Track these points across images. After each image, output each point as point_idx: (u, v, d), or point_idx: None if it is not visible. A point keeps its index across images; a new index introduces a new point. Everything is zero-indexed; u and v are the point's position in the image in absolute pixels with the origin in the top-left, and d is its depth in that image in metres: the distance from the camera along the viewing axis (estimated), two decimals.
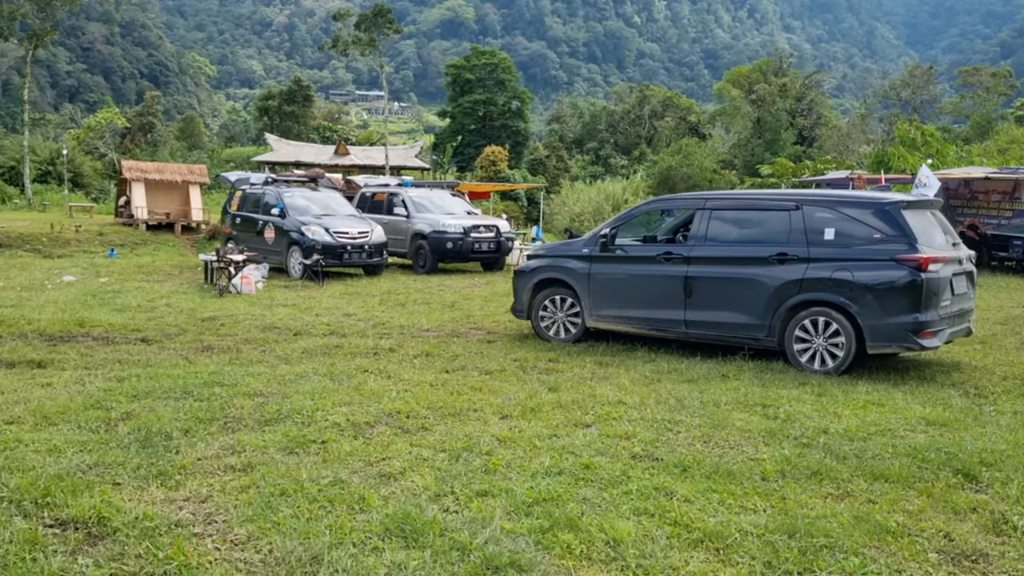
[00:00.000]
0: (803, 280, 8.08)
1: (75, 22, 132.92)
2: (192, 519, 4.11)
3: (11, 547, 3.68)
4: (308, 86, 75.32)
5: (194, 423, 5.76)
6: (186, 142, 74.36)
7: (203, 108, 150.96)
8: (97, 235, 27.62)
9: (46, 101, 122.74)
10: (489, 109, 68.01)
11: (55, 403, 6.25)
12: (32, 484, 4.39)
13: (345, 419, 5.92)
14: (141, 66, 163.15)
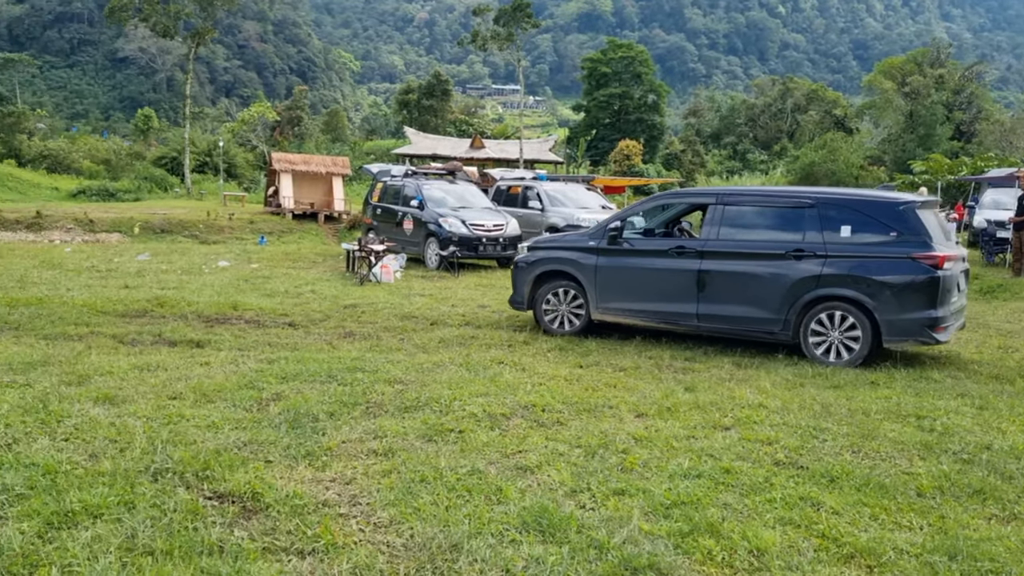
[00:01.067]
0: (821, 276, 8.27)
1: (232, 21, 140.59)
2: (338, 500, 4.26)
3: (176, 516, 3.92)
4: (446, 80, 76.84)
5: (338, 406, 5.96)
6: (330, 135, 77.32)
7: (347, 102, 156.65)
8: (248, 223, 29.17)
9: (205, 96, 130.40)
10: (624, 103, 67.35)
11: (212, 381, 6.61)
12: (193, 457, 4.66)
13: (481, 410, 5.98)
14: (291, 62, 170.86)
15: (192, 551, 3.58)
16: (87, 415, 5.48)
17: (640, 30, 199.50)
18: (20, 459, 4.54)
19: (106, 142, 73.79)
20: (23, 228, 27.70)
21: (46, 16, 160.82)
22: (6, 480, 4.21)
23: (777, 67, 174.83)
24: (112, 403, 5.87)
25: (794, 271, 8.39)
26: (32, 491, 4.11)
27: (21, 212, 30.25)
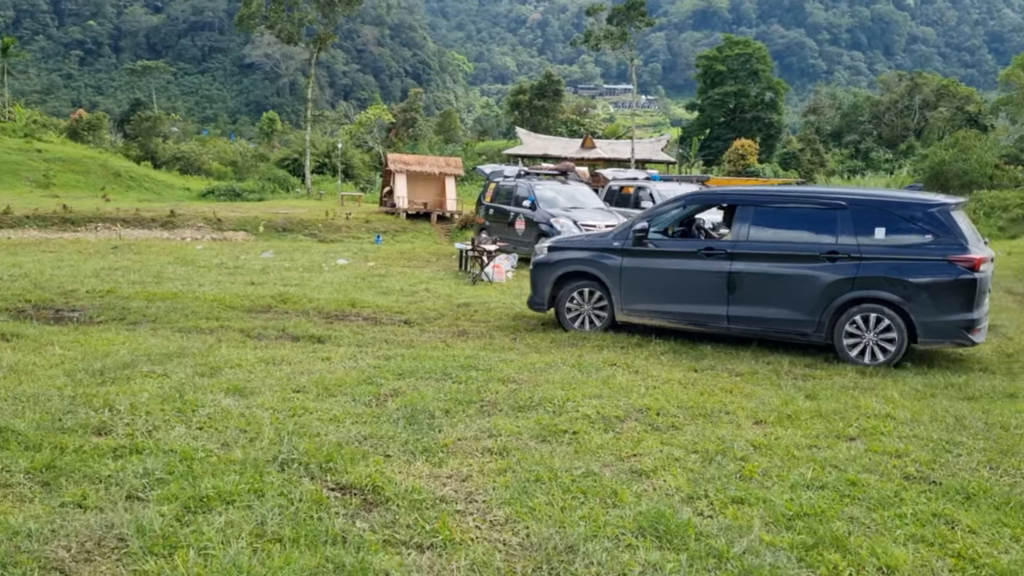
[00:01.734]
0: (856, 278, 8.28)
1: (352, 26, 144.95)
2: (455, 496, 4.32)
3: (301, 505, 4.07)
4: (558, 81, 76.93)
5: (454, 404, 6.06)
6: (443, 136, 78.68)
7: (459, 103, 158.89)
8: (364, 222, 29.99)
9: (325, 99, 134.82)
10: (740, 101, 65.80)
11: (333, 376, 6.83)
12: (317, 449, 4.82)
13: (595, 411, 5.96)
14: (406, 65, 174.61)
15: (317, 540, 3.71)
16: (219, 405, 5.75)
17: (757, 26, 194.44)
18: (159, 445, 4.81)
19: (233, 144, 77.41)
20: (158, 226, 29.34)
21: (181, 25, 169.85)
22: (147, 465, 4.46)
23: (904, 62, 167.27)
24: (241, 394, 6.14)
25: (829, 273, 8.40)
26: (170, 476, 4.35)
27: (156, 211, 32.07)
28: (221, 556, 3.49)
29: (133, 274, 14.05)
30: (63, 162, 51.89)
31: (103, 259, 16.64)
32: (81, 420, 5.22)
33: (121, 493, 4.12)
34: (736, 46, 68.67)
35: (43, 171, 48.88)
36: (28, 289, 11.59)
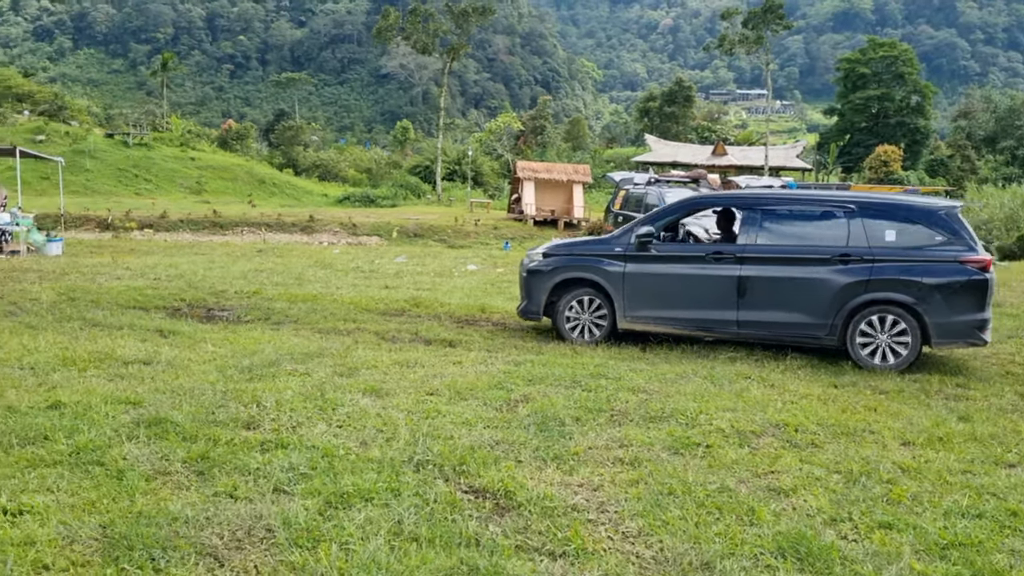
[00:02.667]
0: (869, 280, 8.28)
1: (484, 36, 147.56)
2: (586, 505, 4.30)
3: (436, 506, 4.15)
4: (689, 86, 75.74)
5: (584, 412, 6.04)
6: (571, 143, 78.79)
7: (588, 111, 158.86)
8: (492, 228, 30.41)
9: (456, 108, 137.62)
10: (884, 105, 62.86)
11: (465, 380, 6.94)
12: (451, 452, 4.91)
13: (729, 425, 5.81)
14: (536, 73, 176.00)
15: (452, 541, 3.77)
16: (357, 405, 5.95)
17: (903, 27, 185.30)
18: (303, 441, 5.02)
19: (368, 152, 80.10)
20: (298, 230, 30.74)
21: (322, 38, 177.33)
22: (292, 459, 4.66)
23: None
24: (378, 395, 6.33)
25: (842, 276, 8.38)
26: (313, 471, 4.53)
27: (297, 216, 33.60)
28: (361, 552, 3.60)
29: (276, 276, 14.75)
30: (213, 169, 55.12)
31: (249, 261, 17.55)
32: (232, 414, 5.52)
33: (268, 486, 4.32)
34: (880, 48, 65.72)
35: (196, 178, 52.05)
36: (183, 289, 12.35)
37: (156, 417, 5.29)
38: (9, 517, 3.75)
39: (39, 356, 7.02)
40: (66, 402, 5.51)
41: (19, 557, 3.37)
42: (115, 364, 6.95)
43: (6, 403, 5.46)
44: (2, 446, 4.64)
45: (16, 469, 4.33)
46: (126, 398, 5.77)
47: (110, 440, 4.84)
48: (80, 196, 39.86)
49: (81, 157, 48.15)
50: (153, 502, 4.03)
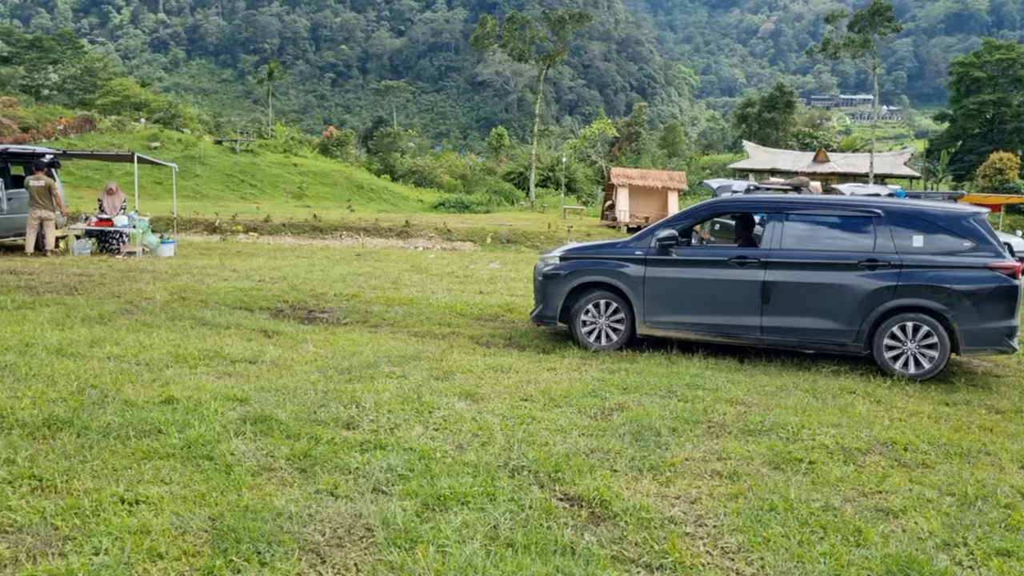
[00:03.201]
0: (897, 286, 8.19)
1: (579, 42, 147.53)
2: (684, 518, 4.23)
3: (531, 513, 4.15)
4: (790, 92, 73.89)
5: (680, 423, 5.94)
6: (666, 149, 77.96)
7: (684, 117, 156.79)
8: (585, 235, 30.29)
9: (551, 114, 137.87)
10: (1000, 111, 59.88)
11: (559, 387, 6.93)
12: (546, 459, 4.91)
13: (833, 441, 5.61)
14: (632, 79, 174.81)
15: (547, 549, 3.76)
16: (453, 408, 6.01)
17: (1022, 29, 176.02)
18: (401, 443, 5.10)
19: (463, 159, 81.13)
20: (394, 235, 31.33)
21: (420, 47, 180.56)
22: (390, 460, 4.74)
23: None
24: (473, 399, 6.38)
25: (869, 281, 8.29)
26: (411, 473, 4.60)
27: (393, 221, 34.27)
28: (458, 555, 3.63)
29: (374, 280, 15.06)
30: (315, 175, 56.78)
31: (348, 265, 17.98)
32: (332, 414, 5.65)
33: (368, 485, 4.40)
34: (997, 51, 62.60)
35: (298, 183, 53.72)
36: (286, 291, 12.75)
37: (261, 414, 5.47)
38: (126, 506, 3.93)
39: (154, 353, 7.35)
40: (178, 397, 5.75)
41: (136, 545, 3.53)
42: (223, 362, 7.22)
43: (124, 397, 5.74)
44: (120, 438, 4.88)
45: (133, 460, 4.55)
46: (233, 395, 5.98)
47: (219, 435, 5.02)
48: (190, 200, 41.69)
49: (192, 163, 50.36)
50: (259, 497, 4.16)
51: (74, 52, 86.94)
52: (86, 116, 58.22)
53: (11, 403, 5.34)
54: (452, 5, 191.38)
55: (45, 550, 3.45)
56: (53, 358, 6.79)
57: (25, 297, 10.37)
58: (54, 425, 5.00)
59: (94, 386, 6.00)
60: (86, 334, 8.03)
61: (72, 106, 68.36)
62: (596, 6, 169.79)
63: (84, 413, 5.26)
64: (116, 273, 13.77)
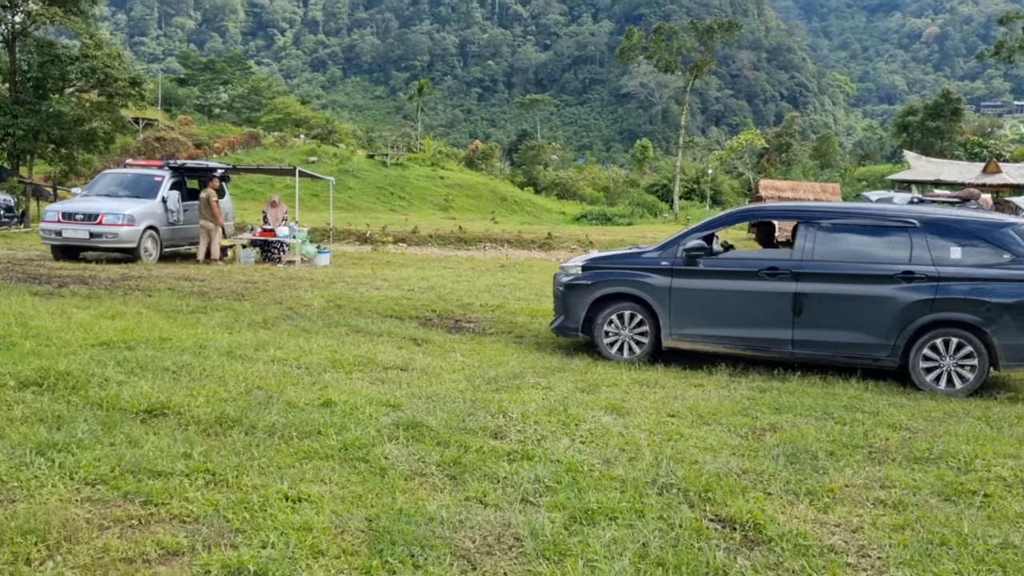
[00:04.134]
0: (935, 299, 7.94)
1: (727, 51, 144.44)
2: (844, 547, 4.02)
3: (681, 532, 4.06)
4: (957, 98, 69.49)
5: (838, 447, 5.66)
6: (819, 161, 75.02)
7: (838, 126, 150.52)
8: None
9: (696, 125, 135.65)
10: None
11: (708, 404, 6.77)
12: (696, 477, 4.79)
13: (1012, 474, 5.19)
14: (782, 88, 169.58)
15: (698, 571, 3.67)
16: (599, 422, 5.98)
17: None
18: (547, 455, 5.11)
19: (606, 171, 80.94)
20: (536, 247, 31.60)
21: (565, 60, 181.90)
22: (538, 471, 4.76)
23: None
24: (619, 413, 6.32)
25: (905, 294, 8.03)
26: (558, 485, 4.60)
27: (536, 233, 34.61)
28: (607, 571, 3.60)
29: (518, 291, 15.24)
30: (460, 187, 58.16)
31: (492, 276, 18.28)
32: (480, 423, 5.74)
33: (516, 495, 4.43)
34: None
35: (444, 195, 55.18)
36: (434, 301, 13.10)
37: (413, 421, 5.62)
38: (290, 503, 4.13)
39: (312, 357, 7.71)
40: (336, 401, 6.00)
41: (299, 541, 3.69)
42: (376, 368, 7.49)
43: (287, 399, 6.04)
44: (284, 438, 5.13)
45: (295, 459, 4.77)
46: (386, 401, 6.19)
47: (373, 439, 5.20)
48: (343, 212, 43.62)
49: (346, 176, 52.71)
50: (412, 501, 4.27)
51: (242, 73, 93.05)
52: (252, 133, 62.13)
53: (188, 401, 5.73)
54: (598, 18, 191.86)
55: (218, 541, 3.67)
56: (224, 360, 7.24)
57: (198, 302, 11.13)
58: (225, 423, 5.33)
59: (260, 387, 6.35)
60: (252, 338, 8.53)
61: (239, 123, 73.11)
62: (746, 14, 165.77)
63: (251, 413, 5.57)
64: (278, 281, 14.57)
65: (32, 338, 7.47)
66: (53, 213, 16.88)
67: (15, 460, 4.39)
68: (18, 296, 10.52)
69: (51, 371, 6.09)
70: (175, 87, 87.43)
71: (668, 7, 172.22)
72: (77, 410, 5.38)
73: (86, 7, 30.24)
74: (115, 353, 7.12)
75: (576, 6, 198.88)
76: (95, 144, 30.50)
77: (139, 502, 4.02)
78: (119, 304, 10.41)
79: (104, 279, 13.36)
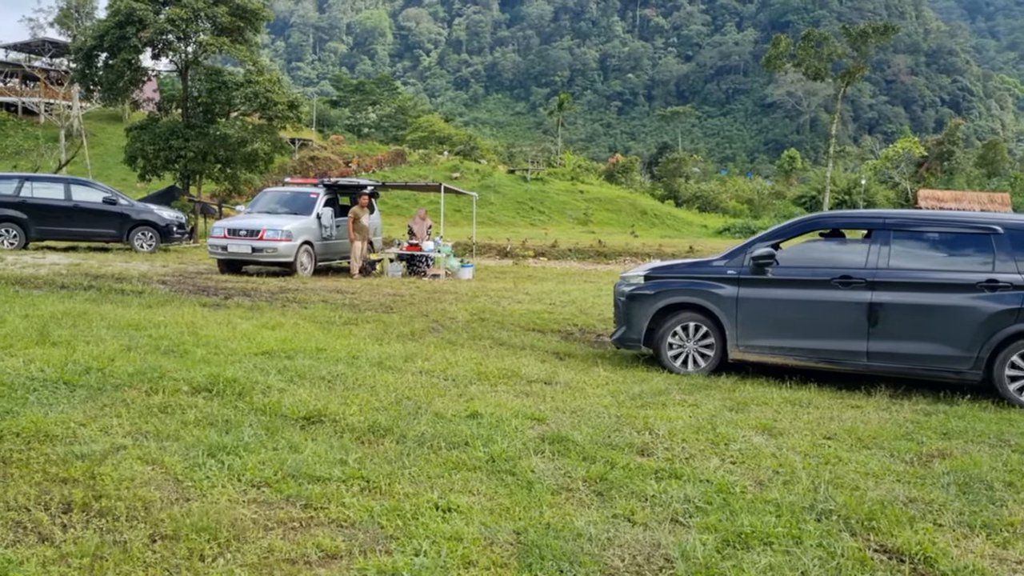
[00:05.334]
0: (1021, 309, 7.57)
1: (882, 56, 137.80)
2: None
3: (843, 562, 3.85)
4: None
5: (1017, 477, 5.23)
6: (985, 169, 70.27)
7: (1007, 132, 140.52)
8: None
9: (847, 134, 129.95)
10: None
11: (867, 427, 6.41)
12: (857, 504, 4.54)
13: None
14: (943, 93, 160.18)
15: None
16: (750, 442, 5.77)
17: None
18: (696, 474, 4.98)
19: (750, 183, 78.84)
20: None
21: (707, 71, 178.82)
22: (687, 491, 4.65)
23: None
24: (771, 434, 6.09)
25: (989, 304, 7.68)
26: (709, 506, 4.46)
27: (677, 247, 34.04)
28: None
29: None
30: (599, 201, 58.07)
31: None
32: (626, 439, 5.67)
33: (664, 515, 4.34)
34: None
35: (583, 209, 55.24)
36: (575, 315, 13.10)
37: (558, 435, 5.61)
38: (440, 512, 4.20)
39: (458, 369, 7.86)
40: (482, 413, 6.08)
41: (451, 550, 3.75)
42: (520, 382, 7.54)
43: (435, 409, 6.18)
44: (433, 448, 5.24)
45: (444, 470, 4.86)
46: (531, 414, 6.21)
47: (519, 452, 5.23)
48: (484, 226, 44.41)
49: (487, 191, 53.68)
50: (559, 516, 4.26)
51: (390, 93, 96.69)
52: (398, 150, 64.41)
53: (342, 409, 5.95)
54: (742, 27, 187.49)
55: (373, 546, 3.78)
56: (375, 370, 7.49)
57: (350, 314, 11.58)
58: (377, 431, 5.50)
59: (409, 398, 6.52)
60: (401, 349, 8.79)
61: (386, 142, 75.94)
62: (902, 16, 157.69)
63: (402, 422, 5.72)
64: (423, 294, 14.97)
65: (202, 346, 7.98)
66: (220, 229, 18.03)
67: (189, 461, 4.69)
68: (190, 307, 11.28)
69: (220, 378, 6.48)
70: (328, 108, 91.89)
71: (817, 12, 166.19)
72: (243, 415, 5.69)
73: (250, 36, 32.24)
74: (276, 362, 7.50)
75: (719, 16, 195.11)
76: (256, 164, 32.42)
77: (300, 505, 4.20)
78: (278, 315, 10.98)
79: (264, 291, 14.14)
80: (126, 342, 7.94)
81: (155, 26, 29.27)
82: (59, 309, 9.81)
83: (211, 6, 29.70)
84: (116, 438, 5.00)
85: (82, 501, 4.02)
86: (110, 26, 29.47)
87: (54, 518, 3.87)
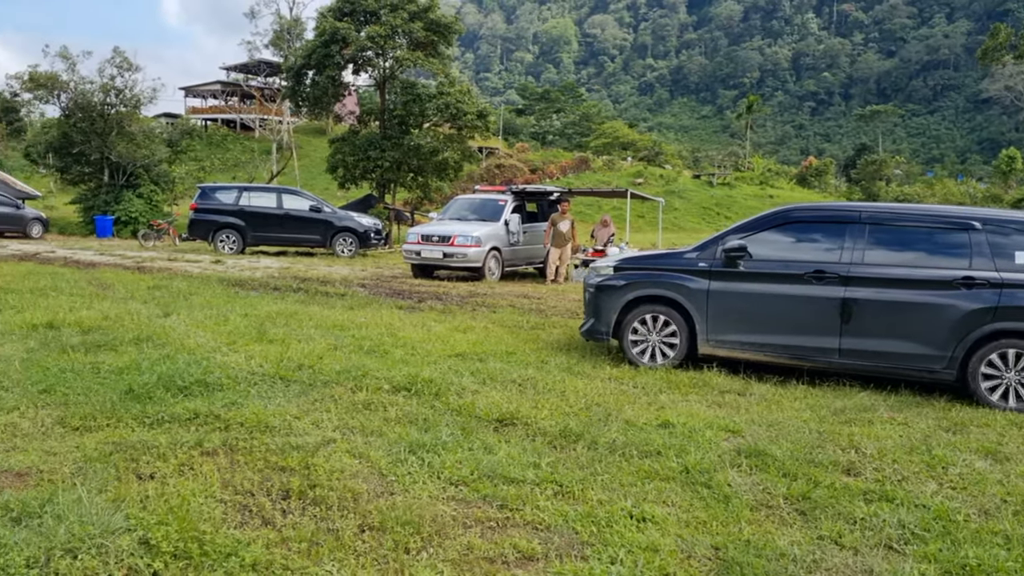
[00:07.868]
0: (997, 308, 7.23)
1: None
2: None
3: None
4: None
5: None
6: None
7: None
8: None
9: None
10: None
11: None
12: None
13: None
14: None
15: None
16: (972, 467, 5.29)
17: None
18: (911, 498, 4.62)
19: (961, 185, 73.02)
20: None
21: (912, 67, 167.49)
22: (901, 516, 4.32)
23: None
24: (995, 459, 5.56)
25: (965, 302, 7.36)
26: (927, 534, 4.13)
27: None
28: None
29: None
30: None
31: None
32: (830, 456, 5.36)
33: (876, 540, 4.05)
34: None
35: None
36: None
37: (755, 448, 5.40)
38: (635, 521, 4.14)
39: (647, 377, 7.76)
40: (674, 422, 5.95)
41: (647, 561, 3.68)
42: (712, 392, 7.33)
43: (625, 417, 6.12)
44: (624, 456, 5.19)
45: (636, 478, 4.79)
46: (725, 425, 6.02)
47: (715, 464, 5.07)
48: (669, 232, 43.78)
49: (672, 197, 52.91)
50: (760, 533, 4.08)
51: (574, 101, 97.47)
52: (582, 157, 64.78)
53: (533, 412, 6.02)
54: (953, 18, 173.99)
55: (569, 551, 3.78)
56: (564, 375, 7.54)
57: (537, 319, 11.74)
58: (568, 436, 5.52)
59: (598, 404, 6.51)
60: (588, 355, 8.79)
61: (570, 148, 76.60)
62: None
63: (593, 428, 5.71)
64: None
65: (400, 347, 8.35)
66: (414, 235, 18.84)
67: (392, 456, 4.90)
68: (387, 309, 11.85)
69: (417, 378, 6.75)
70: (514, 117, 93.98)
71: None
72: (440, 415, 5.89)
73: (443, 49, 33.55)
74: (468, 364, 7.72)
75: (927, 7, 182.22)
76: (446, 172, 33.68)
77: (496, 505, 4.28)
78: (469, 319, 11.31)
79: (455, 295, 14.62)
80: (332, 341, 8.46)
81: (356, 43, 31.12)
82: (273, 309, 10.60)
83: (408, 22, 31.18)
84: (326, 431, 5.32)
85: (299, 489, 4.30)
86: (316, 45, 31.66)
87: (275, 503, 4.16)
